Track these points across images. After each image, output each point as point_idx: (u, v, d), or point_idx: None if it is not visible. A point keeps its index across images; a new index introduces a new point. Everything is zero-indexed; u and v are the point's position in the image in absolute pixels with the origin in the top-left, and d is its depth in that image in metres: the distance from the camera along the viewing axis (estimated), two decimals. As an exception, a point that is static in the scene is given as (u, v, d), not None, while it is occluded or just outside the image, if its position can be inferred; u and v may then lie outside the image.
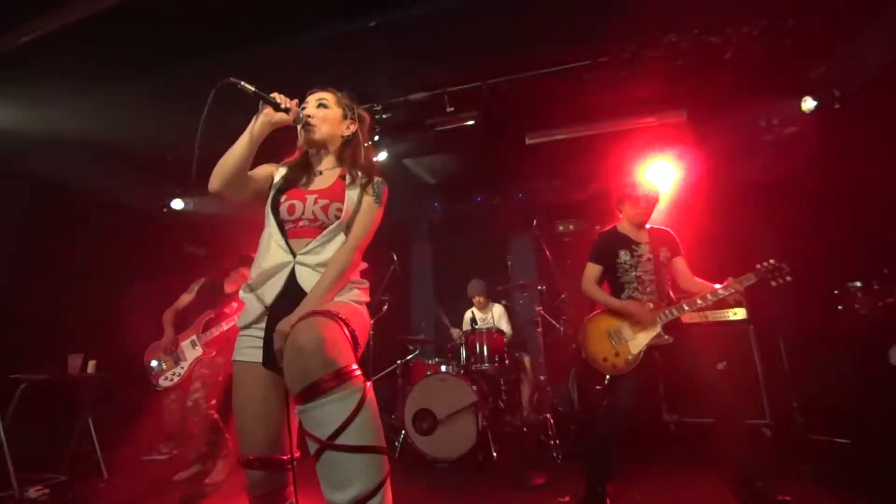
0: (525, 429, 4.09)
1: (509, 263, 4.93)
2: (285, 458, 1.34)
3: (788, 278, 2.32)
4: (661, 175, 4.52)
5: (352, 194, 1.46)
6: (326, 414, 1.10)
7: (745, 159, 4.39)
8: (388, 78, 3.71)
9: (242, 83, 1.34)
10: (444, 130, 4.01)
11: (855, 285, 3.43)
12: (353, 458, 1.09)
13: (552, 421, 3.64)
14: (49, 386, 3.29)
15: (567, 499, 2.56)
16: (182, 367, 3.25)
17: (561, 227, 5.53)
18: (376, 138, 4.20)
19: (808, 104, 3.72)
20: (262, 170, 1.53)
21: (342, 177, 1.50)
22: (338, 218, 1.42)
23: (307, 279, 1.35)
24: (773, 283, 2.35)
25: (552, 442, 3.50)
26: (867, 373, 3.19)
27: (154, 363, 3.33)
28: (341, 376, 1.11)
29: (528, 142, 4.38)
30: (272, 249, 1.41)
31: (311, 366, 1.10)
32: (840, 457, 3.12)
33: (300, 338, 1.13)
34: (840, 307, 3.54)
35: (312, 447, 1.12)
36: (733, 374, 3.65)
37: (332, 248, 1.40)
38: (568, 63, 3.52)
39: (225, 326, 3.29)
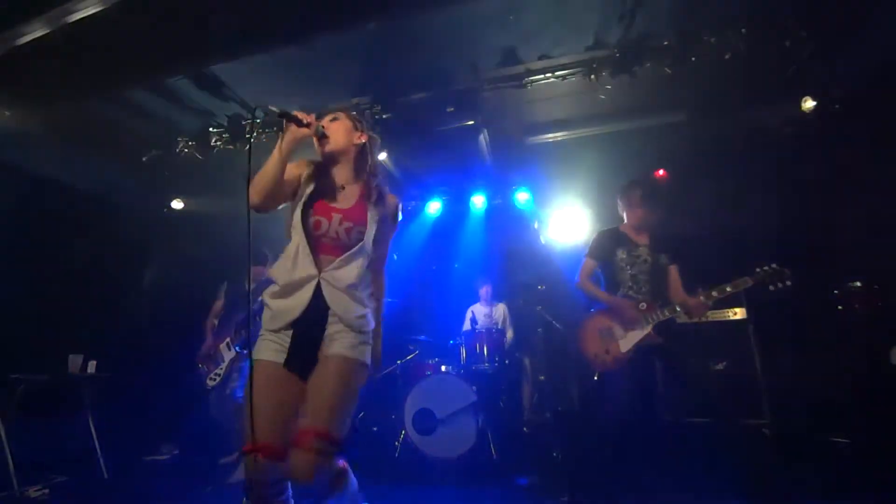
0: (525, 429, 4.08)
1: (509, 264, 4.92)
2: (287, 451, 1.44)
3: (788, 283, 2.31)
4: (659, 176, 4.50)
5: (372, 217, 1.62)
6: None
7: (745, 159, 4.38)
8: (388, 78, 3.71)
9: (270, 107, 1.51)
10: (444, 130, 4.01)
11: (855, 285, 3.43)
12: None
13: (552, 421, 3.64)
14: (49, 386, 3.29)
15: (567, 499, 2.56)
16: (221, 368, 3.48)
17: (561, 227, 5.51)
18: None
19: (808, 104, 3.71)
20: (289, 172, 1.61)
21: (363, 197, 1.64)
22: (359, 241, 1.57)
23: (332, 296, 1.50)
24: (772, 288, 2.33)
25: (552, 442, 3.50)
26: (867, 373, 3.19)
27: (201, 365, 3.62)
28: (334, 486, 1.47)
29: (528, 142, 4.38)
30: (301, 260, 1.52)
31: (311, 487, 1.39)
32: (840, 457, 3.12)
33: (300, 474, 1.36)
34: (840, 307, 3.54)
35: None
36: (733, 373, 3.65)
37: (353, 266, 1.55)
38: (568, 63, 3.52)
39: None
